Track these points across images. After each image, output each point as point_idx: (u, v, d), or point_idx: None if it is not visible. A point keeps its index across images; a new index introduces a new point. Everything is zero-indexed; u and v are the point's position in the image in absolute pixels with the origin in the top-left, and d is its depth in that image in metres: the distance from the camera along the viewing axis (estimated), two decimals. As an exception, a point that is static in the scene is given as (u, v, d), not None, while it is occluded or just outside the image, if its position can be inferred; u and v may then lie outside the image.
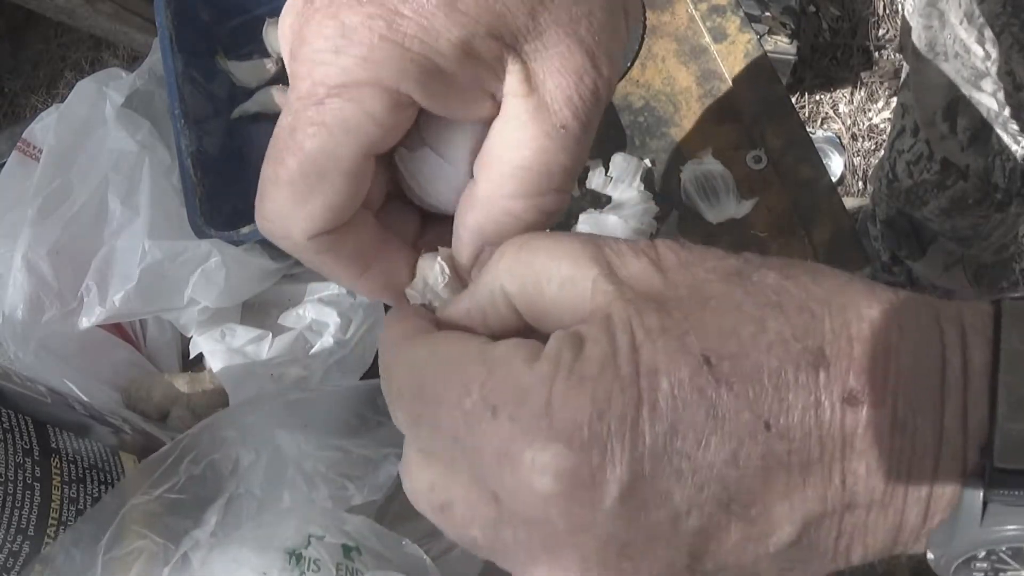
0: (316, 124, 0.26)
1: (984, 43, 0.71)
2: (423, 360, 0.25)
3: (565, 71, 0.26)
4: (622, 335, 0.23)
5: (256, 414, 0.43)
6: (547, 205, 0.28)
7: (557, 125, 0.26)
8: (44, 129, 0.62)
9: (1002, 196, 0.91)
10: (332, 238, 0.28)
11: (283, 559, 0.39)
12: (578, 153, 0.27)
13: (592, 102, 0.27)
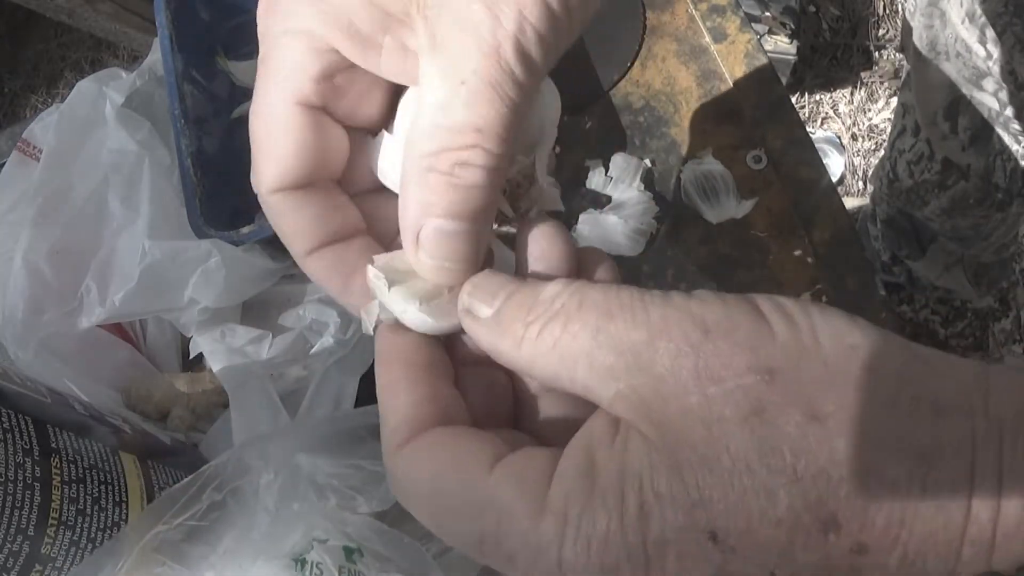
0: (260, 77, 0.28)
1: (986, 43, 0.71)
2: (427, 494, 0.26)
3: (462, 25, 0.26)
4: (631, 494, 0.23)
5: (279, 441, 0.44)
6: (471, 162, 0.26)
7: (458, 81, 0.26)
8: (44, 129, 0.62)
9: (1003, 196, 0.91)
10: (291, 199, 0.29)
11: (287, 566, 0.40)
12: (489, 111, 0.26)
13: (492, 56, 0.25)
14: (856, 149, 1.61)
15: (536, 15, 0.26)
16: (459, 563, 0.48)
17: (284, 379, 0.57)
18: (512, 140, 0.27)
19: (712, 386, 0.23)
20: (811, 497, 0.22)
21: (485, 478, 0.25)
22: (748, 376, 0.23)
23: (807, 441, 0.22)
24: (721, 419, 0.23)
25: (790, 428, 0.23)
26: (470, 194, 0.27)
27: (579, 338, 0.25)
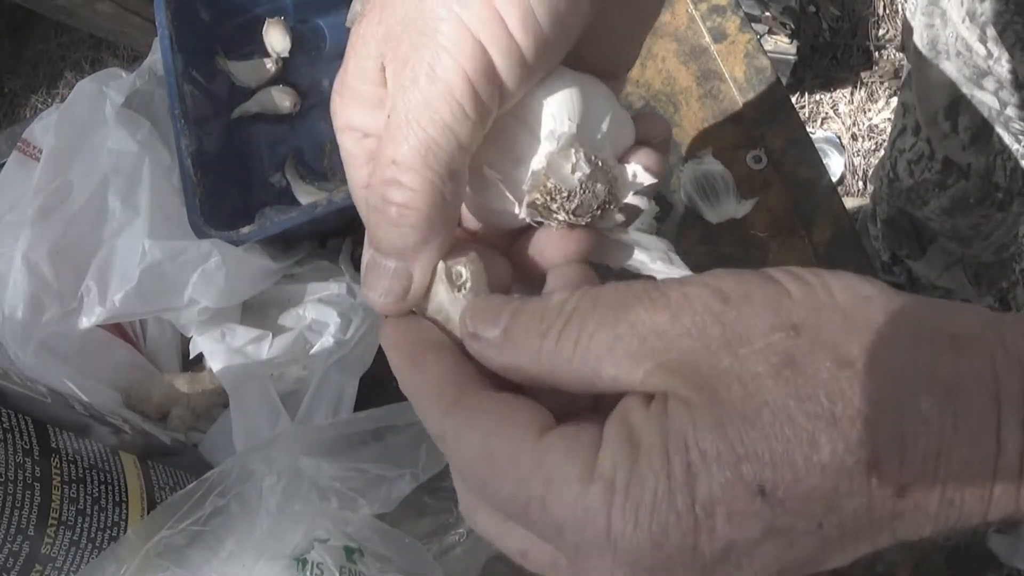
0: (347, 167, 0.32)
1: (986, 42, 0.71)
2: (479, 458, 0.26)
3: (395, 63, 0.27)
4: (677, 455, 0.23)
5: (282, 446, 0.44)
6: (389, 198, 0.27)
7: (384, 115, 0.28)
8: (44, 129, 0.62)
9: (1003, 195, 0.91)
10: None
11: (288, 565, 0.40)
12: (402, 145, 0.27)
13: (407, 89, 0.26)
14: (856, 149, 1.61)
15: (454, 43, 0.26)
16: (460, 562, 0.48)
17: (284, 379, 0.57)
18: (438, 174, 0.27)
19: (742, 347, 0.23)
20: (852, 439, 0.22)
21: (536, 443, 0.25)
22: (774, 334, 0.23)
23: (840, 384, 0.23)
24: (756, 376, 0.23)
25: (823, 374, 0.23)
26: (393, 231, 0.28)
27: (599, 335, 0.25)
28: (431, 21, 0.26)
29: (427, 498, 0.51)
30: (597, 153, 0.29)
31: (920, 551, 0.53)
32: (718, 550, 0.23)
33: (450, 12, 0.26)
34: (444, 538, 0.49)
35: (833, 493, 0.23)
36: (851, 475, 0.23)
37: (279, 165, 0.67)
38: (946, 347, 0.23)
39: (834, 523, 0.23)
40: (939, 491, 0.23)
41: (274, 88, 0.68)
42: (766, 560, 0.23)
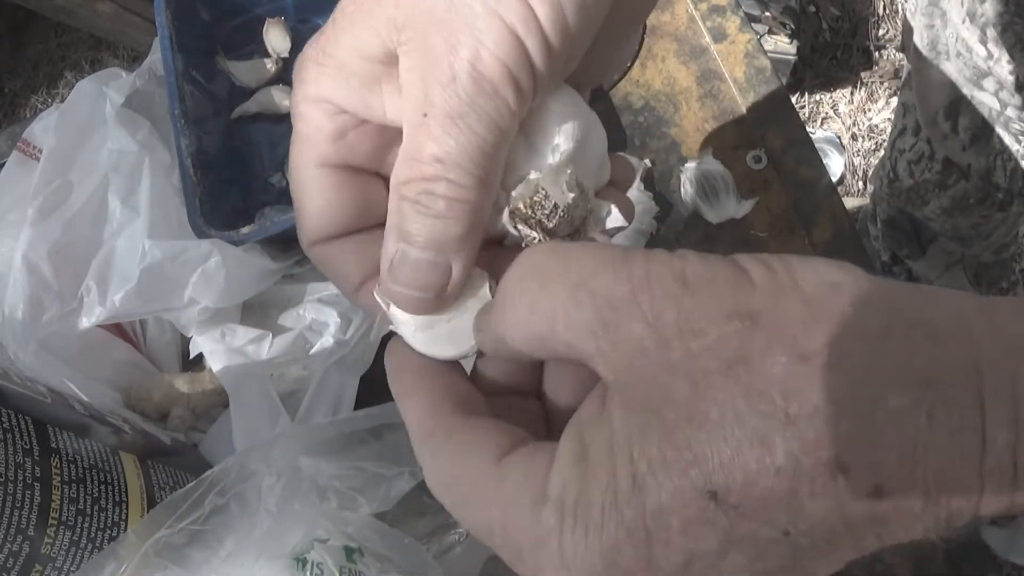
0: (292, 141, 0.30)
1: (986, 42, 0.71)
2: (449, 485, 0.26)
3: (425, 57, 0.26)
4: (622, 466, 0.22)
5: (282, 446, 0.44)
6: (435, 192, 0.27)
7: (421, 113, 0.27)
8: (44, 129, 0.62)
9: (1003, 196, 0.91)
10: (329, 249, 0.31)
11: (288, 565, 0.40)
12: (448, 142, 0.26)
13: (449, 87, 0.26)
14: (856, 149, 1.61)
15: (495, 40, 0.26)
16: (461, 562, 0.48)
17: (284, 379, 0.57)
18: (485, 169, 0.27)
19: (694, 340, 0.22)
20: (808, 438, 0.21)
21: (495, 469, 0.25)
22: (729, 324, 0.22)
23: (796, 382, 0.21)
24: (706, 372, 0.22)
25: (776, 370, 0.21)
26: (437, 225, 0.27)
27: (558, 294, 0.24)
28: (467, 17, 0.26)
29: (426, 498, 0.51)
30: (586, 181, 0.30)
31: (920, 551, 0.53)
32: (678, 564, 0.22)
33: (486, 8, 0.25)
34: (444, 538, 0.49)
35: (792, 496, 0.21)
36: (811, 477, 0.21)
37: (279, 165, 0.67)
38: (922, 338, 0.21)
39: (803, 529, 0.21)
40: (922, 491, 0.21)
41: (274, 88, 0.68)
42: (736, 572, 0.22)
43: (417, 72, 0.27)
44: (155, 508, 0.41)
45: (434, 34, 0.26)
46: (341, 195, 0.30)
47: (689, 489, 0.21)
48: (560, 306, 0.24)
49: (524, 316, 0.25)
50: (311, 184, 0.30)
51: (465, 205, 0.27)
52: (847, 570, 0.35)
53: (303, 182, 0.30)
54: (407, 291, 0.28)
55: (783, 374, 0.21)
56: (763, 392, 0.21)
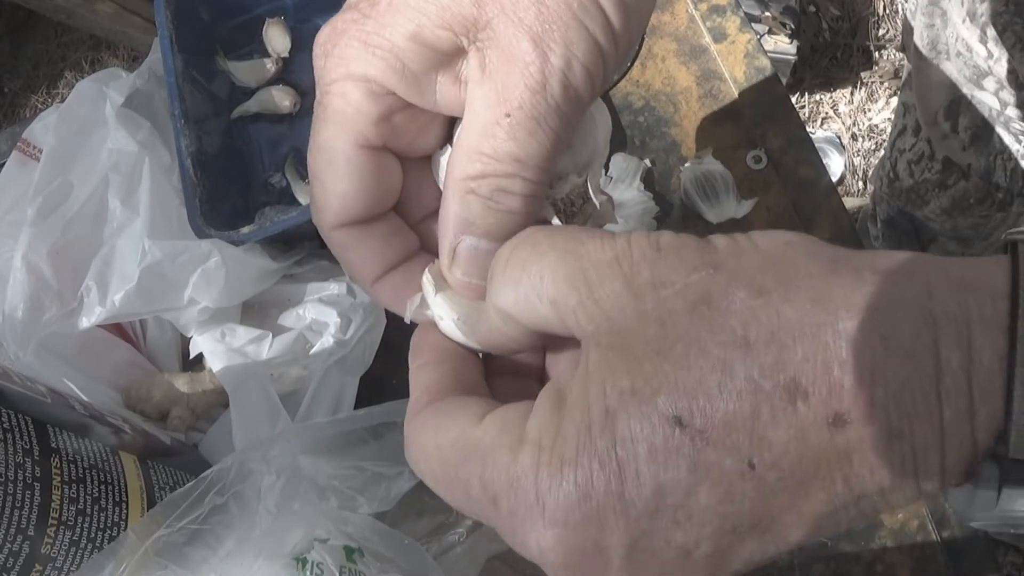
0: (319, 119, 0.30)
1: (986, 42, 0.71)
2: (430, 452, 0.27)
3: (510, 59, 0.27)
4: (596, 402, 0.24)
5: (281, 445, 0.44)
6: (510, 189, 0.28)
7: (503, 112, 0.27)
8: (44, 129, 0.62)
9: (1003, 196, 0.91)
10: (353, 234, 0.30)
11: (288, 565, 0.40)
12: (531, 143, 0.27)
13: (539, 92, 0.27)
14: (856, 149, 1.61)
15: (583, 50, 0.27)
16: (460, 562, 0.48)
17: (284, 379, 0.57)
18: (552, 168, 0.28)
19: (664, 289, 0.24)
20: (766, 362, 0.22)
21: (475, 428, 0.26)
22: (694, 274, 0.24)
23: (754, 313, 0.23)
24: (673, 312, 0.24)
25: (736, 305, 0.23)
26: (506, 219, 0.28)
27: (547, 255, 0.26)
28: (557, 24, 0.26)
29: (426, 497, 0.51)
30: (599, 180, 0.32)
31: (920, 551, 0.53)
32: (648, 496, 0.23)
33: (575, 18, 0.26)
34: (443, 538, 0.50)
35: (754, 420, 0.22)
36: (771, 402, 0.22)
37: (279, 165, 0.67)
38: (870, 274, 0.23)
39: (768, 461, 0.22)
40: (883, 419, 0.22)
41: (274, 88, 0.68)
42: (706, 515, 0.23)
43: (499, 72, 0.27)
44: (155, 507, 0.41)
45: (521, 38, 0.27)
46: (377, 177, 0.30)
47: (655, 415, 0.23)
48: (548, 265, 0.26)
49: (514, 276, 0.26)
50: (346, 165, 0.30)
51: (534, 201, 0.28)
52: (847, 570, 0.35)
53: (336, 162, 0.30)
54: (471, 280, 0.29)
55: (742, 307, 0.23)
56: (724, 325, 0.23)
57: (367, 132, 0.29)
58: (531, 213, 0.28)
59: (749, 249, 0.25)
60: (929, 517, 0.53)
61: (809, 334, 0.22)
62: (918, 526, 0.53)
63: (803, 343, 0.22)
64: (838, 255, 0.24)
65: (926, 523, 0.53)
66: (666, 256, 0.25)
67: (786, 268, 0.24)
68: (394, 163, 0.31)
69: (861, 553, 0.53)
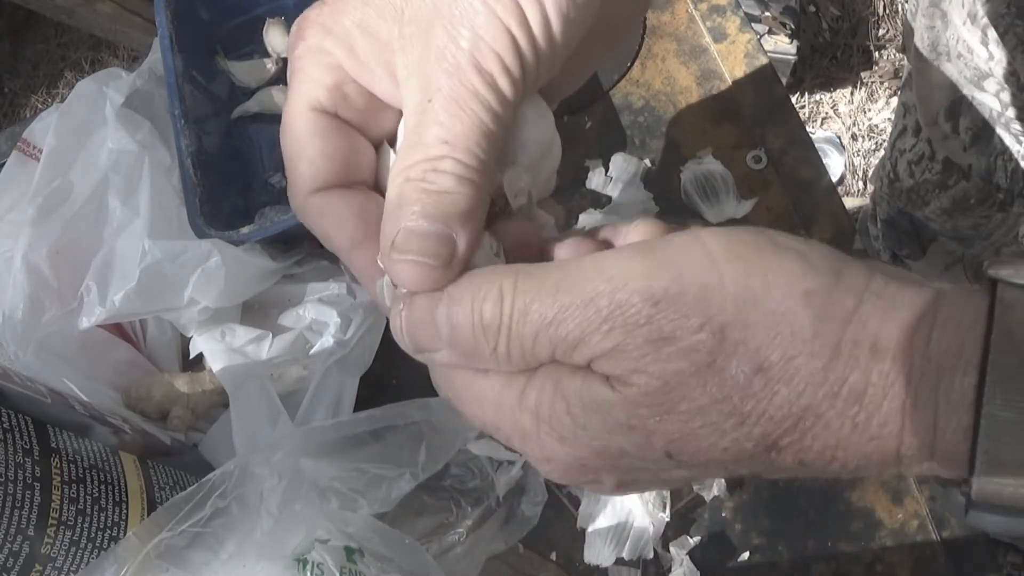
0: (287, 94, 0.32)
1: (987, 43, 0.71)
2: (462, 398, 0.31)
3: (427, 48, 0.28)
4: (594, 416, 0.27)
5: (283, 449, 0.44)
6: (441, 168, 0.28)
7: (426, 99, 0.28)
8: (44, 129, 0.62)
9: (1004, 196, 0.91)
10: (326, 199, 0.31)
11: (289, 565, 0.40)
12: (454, 124, 0.28)
13: (454, 74, 0.28)
14: (856, 149, 1.61)
15: (491, 35, 0.28)
16: (460, 562, 0.48)
17: (284, 379, 0.57)
18: (486, 152, 0.29)
19: (667, 346, 0.26)
20: (755, 433, 0.26)
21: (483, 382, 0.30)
22: (700, 333, 0.26)
23: (753, 389, 0.26)
24: (678, 372, 0.26)
25: (740, 378, 0.26)
26: (442, 198, 0.28)
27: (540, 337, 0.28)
28: (467, 13, 0.28)
29: (426, 497, 0.51)
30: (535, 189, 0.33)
31: (920, 551, 0.53)
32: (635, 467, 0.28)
33: (485, 6, 0.28)
34: (443, 538, 0.50)
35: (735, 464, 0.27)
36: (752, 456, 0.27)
37: (279, 165, 0.67)
38: (863, 357, 0.25)
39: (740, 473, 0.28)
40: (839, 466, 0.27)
41: (274, 88, 0.68)
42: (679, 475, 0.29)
43: (419, 62, 0.29)
44: (156, 510, 0.41)
45: (437, 27, 0.28)
46: (334, 140, 0.31)
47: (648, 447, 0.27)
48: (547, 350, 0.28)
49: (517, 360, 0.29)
50: (304, 129, 0.31)
51: (470, 183, 0.28)
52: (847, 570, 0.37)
53: (296, 128, 0.31)
54: (415, 258, 0.29)
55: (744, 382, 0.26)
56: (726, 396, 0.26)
57: (320, 96, 0.31)
58: (471, 196, 0.28)
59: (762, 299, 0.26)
60: (929, 517, 0.53)
61: (795, 415, 0.26)
62: (918, 526, 0.53)
63: (788, 421, 0.26)
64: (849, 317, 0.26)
65: (926, 523, 0.53)
66: (664, 311, 0.26)
67: (793, 343, 0.26)
68: (360, 139, 0.32)
69: (861, 553, 0.53)
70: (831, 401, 0.25)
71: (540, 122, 0.32)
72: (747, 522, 0.55)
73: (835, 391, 0.25)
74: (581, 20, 0.29)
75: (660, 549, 0.55)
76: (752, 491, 0.55)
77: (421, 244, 0.28)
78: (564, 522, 0.55)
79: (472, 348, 0.28)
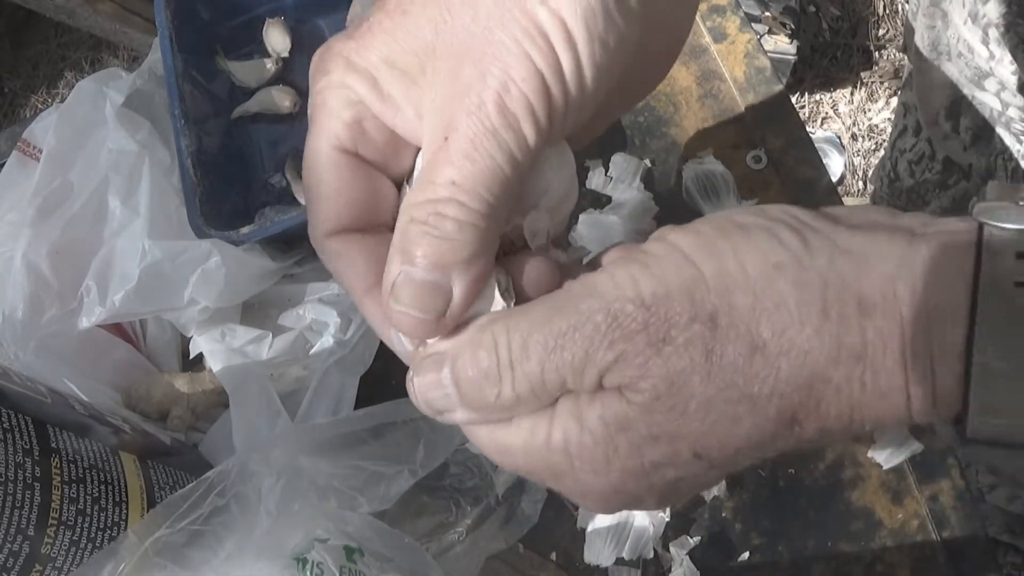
0: (309, 131, 0.31)
1: (988, 43, 0.71)
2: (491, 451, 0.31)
3: (453, 85, 0.27)
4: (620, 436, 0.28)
5: (282, 446, 0.44)
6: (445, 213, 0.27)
7: (442, 136, 0.27)
8: (44, 129, 0.62)
9: (1003, 196, 0.91)
10: (343, 243, 0.31)
11: (288, 565, 0.40)
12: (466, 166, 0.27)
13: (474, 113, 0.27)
14: (856, 149, 1.61)
15: (522, 76, 0.27)
16: (460, 562, 0.48)
17: (284, 379, 0.57)
18: (497, 198, 0.28)
19: (666, 347, 0.26)
20: (771, 413, 0.26)
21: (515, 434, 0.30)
22: (693, 327, 0.26)
23: (755, 369, 0.26)
24: (681, 370, 0.26)
25: (739, 362, 0.26)
26: (443, 245, 0.28)
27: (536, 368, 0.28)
28: (500, 53, 0.27)
29: (426, 497, 0.51)
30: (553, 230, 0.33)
31: (920, 551, 0.53)
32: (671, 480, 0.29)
33: (519, 47, 0.27)
34: (443, 537, 0.50)
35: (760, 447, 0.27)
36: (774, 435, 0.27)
37: (279, 165, 0.67)
38: (852, 316, 0.26)
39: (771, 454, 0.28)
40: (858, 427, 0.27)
41: (274, 88, 0.68)
42: None
43: (444, 98, 0.28)
44: (155, 508, 0.41)
45: (467, 64, 0.27)
46: (353, 182, 0.31)
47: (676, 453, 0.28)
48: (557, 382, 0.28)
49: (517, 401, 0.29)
50: (325, 167, 0.30)
51: (474, 229, 0.28)
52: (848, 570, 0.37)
53: (317, 166, 0.31)
54: (407, 311, 0.28)
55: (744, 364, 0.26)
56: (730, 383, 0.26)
57: (340, 134, 0.30)
58: (469, 242, 0.28)
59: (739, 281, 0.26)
60: (929, 517, 0.53)
61: (804, 385, 0.26)
62: (918, 526, 0.53)
63: (799, 393, 0.26)
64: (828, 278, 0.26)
65: (926, 523, 0.53)
66: (655, 312, 0.26)
67: (779, 315, 0.26)
68: (379, 179, 0.31)
69: (861, 553, 0.53)
70: (834, 365, 0.26)
71: (564, 169, 0.31)
72: (747, 522, 0.55)
73: (835, 355, 0.26)
74: (611, 70, 0.28)
75: (660, 549, 0.54)
76: (752, 491, 0.55)
77: (414, 295, 0.28)
78: (564, 522, 0.55)
79: (481, 401, 0.28)
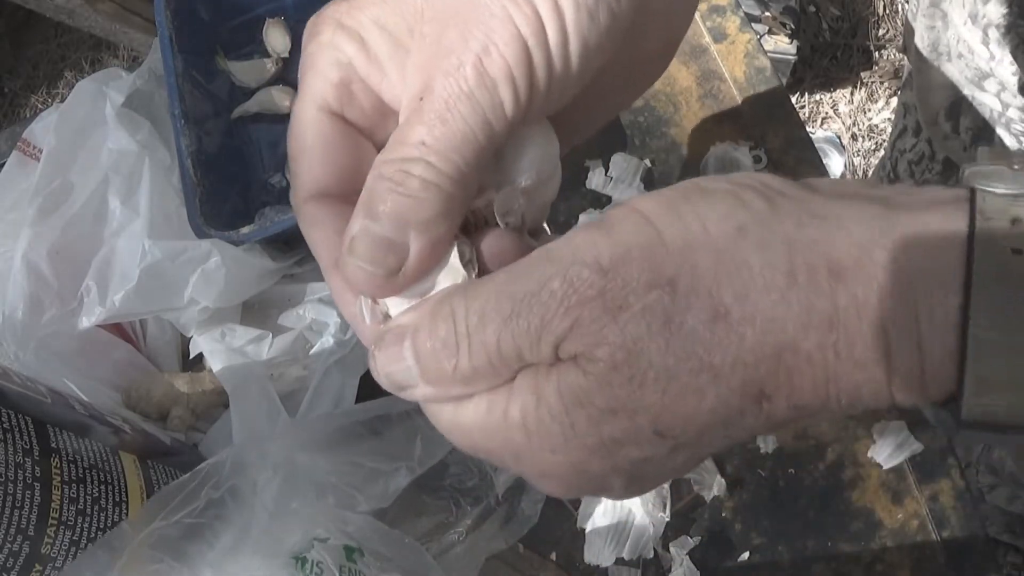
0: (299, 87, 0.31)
1: (988, 44, 0.71)
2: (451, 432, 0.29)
3: (436, 47, 0.27)
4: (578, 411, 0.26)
5: (277, 441, 0.44)
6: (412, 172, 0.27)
7: (417, 96, 0.27)
8: (44, 129, 0.62)
9: (1003, 196, 0.91)
10: (322, 209, 0.30)
11: (288, 564, 0.40)
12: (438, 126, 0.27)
13: (451, 74, 0.26)
14: (856, 149, 1.61)
15: (504, 40, 0.26)
16: (459, 562, 0.48)
17: (284, 379, 0.57)
18: (467, 162, 0.27)
19: (622, 313, 0.25)
20: (734, 384, 0.25)
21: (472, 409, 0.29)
22: (651, 293, 0.25)
23: (717, 337, 0.24)
24: (638, 339, 0.25)
25: (700, 330, 0.24)
26: (406, 203, 0.27)
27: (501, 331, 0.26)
28: (484, 17, 0.27)
29: (425, 497, 0.51)
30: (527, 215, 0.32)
31: (920, 551, 0.53)
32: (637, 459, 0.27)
33: (504, 12, 0.27)
34: (443, 537, 0.50)
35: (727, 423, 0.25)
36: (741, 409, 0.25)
37: (279, 165, 0.67)
38: (823, 281, 0.24)
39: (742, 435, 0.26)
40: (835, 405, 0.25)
41: (274, 88, 0.68)
42: None
43: (424, 59, 0.28)
44: (148, 500, 0.41)
45: (451, 28, 0.27)
46: (337, 144, 0.30)
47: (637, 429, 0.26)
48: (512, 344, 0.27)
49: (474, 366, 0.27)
50: (309, 128, 0.30)
51: (438, 191, 0.27)
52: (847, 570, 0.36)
53: (302, 127, 0.30)
54: (361, 265, 0.28)
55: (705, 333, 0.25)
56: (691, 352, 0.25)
57: (327, 94, 0.30)
58: (431, 202, 0.27)
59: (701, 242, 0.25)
60: (929, 517, 0.53)
61: (771, 355, 0.24)
62: (918, 526, 0.53)
63: (765, 363, 0.24)
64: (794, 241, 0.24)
65: (926, 523, 0.53)
66: (612, 277, 0.25)
67: (741, 277, 0.24)
68: (364, 145, 0.31)
69: (861, 553, 0.53)
70: (804, 332, 0.24)
71: (546, 149, 0.30)
72: (747, 522, 0.55)
73: (804, 321, 0.24)
74: (600, 47, 0.28)
75: (660, 549, 0.55)
76: (752, 491, 0.55)
77: (370, 249, 0.27)
78: (564, 522, 0.55)
79: (439, 373, 0.27)
